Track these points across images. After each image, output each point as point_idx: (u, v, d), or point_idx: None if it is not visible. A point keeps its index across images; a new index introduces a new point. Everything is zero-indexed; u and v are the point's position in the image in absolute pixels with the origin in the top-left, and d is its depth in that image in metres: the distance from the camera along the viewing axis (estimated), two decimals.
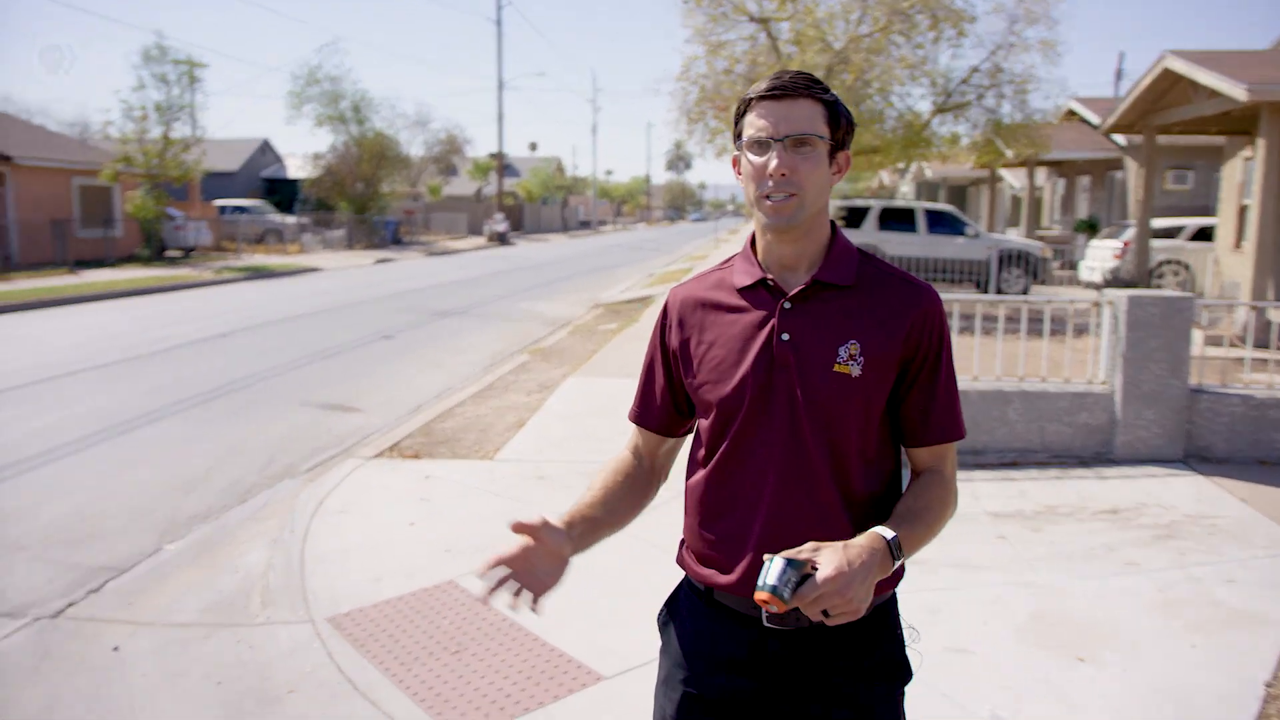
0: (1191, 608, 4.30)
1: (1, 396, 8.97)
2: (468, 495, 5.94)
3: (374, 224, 38.45)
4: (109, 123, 27.33)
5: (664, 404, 1.86)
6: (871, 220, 18.55)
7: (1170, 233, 17.66)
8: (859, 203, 19.21)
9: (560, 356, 11.44)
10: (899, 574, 1.74)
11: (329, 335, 13.46)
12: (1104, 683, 3.63)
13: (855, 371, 1.64)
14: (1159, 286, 16.95)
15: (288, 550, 5.02)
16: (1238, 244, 14.96)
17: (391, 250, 36.02)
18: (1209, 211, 20.29)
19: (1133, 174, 20.85)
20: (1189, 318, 6.40)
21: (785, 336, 1.67)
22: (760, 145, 1.63)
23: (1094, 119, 20.35)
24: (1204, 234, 17.26)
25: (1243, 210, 14.93)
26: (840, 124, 1.67)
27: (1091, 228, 23.26)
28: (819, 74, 15.29)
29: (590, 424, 7.78)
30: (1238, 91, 11.13)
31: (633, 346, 11.90)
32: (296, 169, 46.54)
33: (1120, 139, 20.05)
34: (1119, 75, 39.85)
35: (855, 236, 18.00)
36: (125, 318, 15.45)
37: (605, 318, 15.61)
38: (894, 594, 1.79)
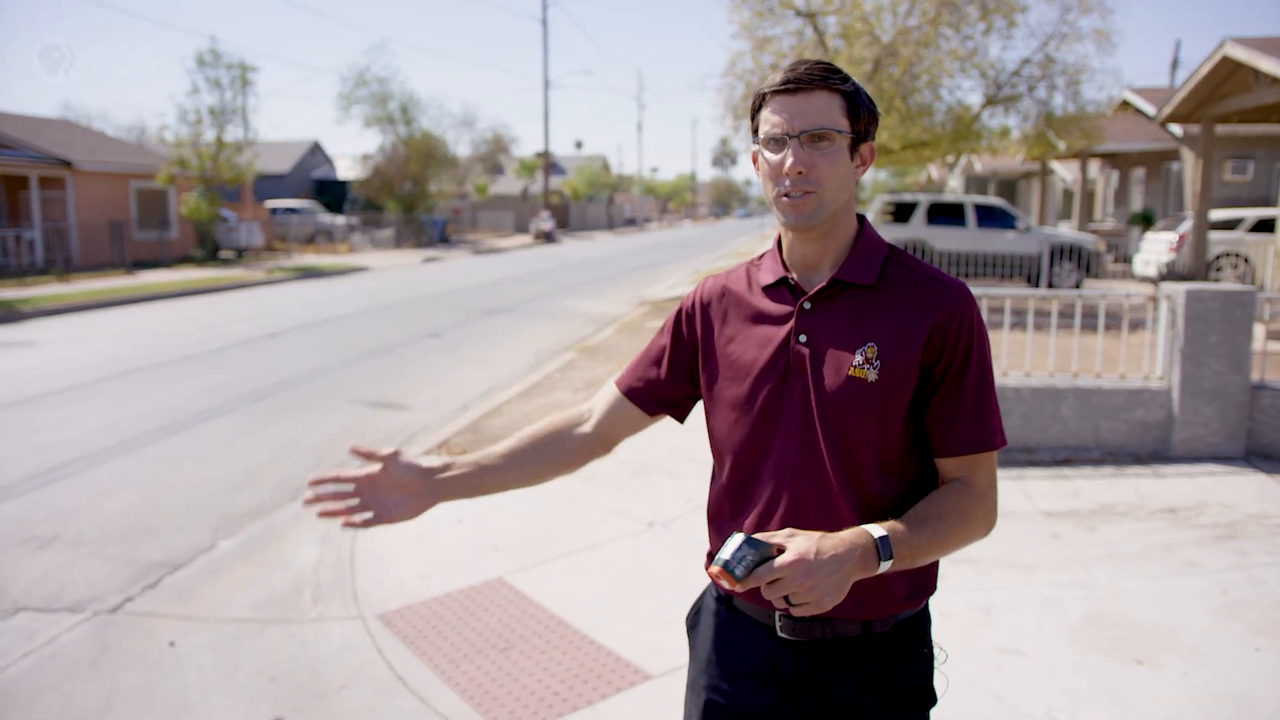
0: (1255, 610, 4.18)
1: (64, 395, 9.19)
2: (516, 494, 5.94)
3: (422, 223, 38.84)
4: (164, 127, 28.05)
5: (649, 379, 1.81)
6: (920, 215, 18.33)
7: (1229, 224, 17.21)
8: (907, 198, 18.99)
9: (607, 354, 11.46)
10: (928, 588, 1.66)
11: (377, 334, 13.62)
12: (1163, 687, 3.54)
13: (871, 376, 1.55)
14: (1217, 280, 16.53)
15: (338, 547, 5.08)
16: None
17: (439, 249, 36.36)
18: (1269, 202, 19.74)
19: (1189, 165, 20.38)
20: (1250, 312, 6.23)
21: (802, 338, 1.60)
22: (775, 142, 1.56)
23: (1149, 109, 19.93)
24: (1265, 225, 16.78)
25: None
26: (861, 115, 1.57)
27: (1146, 220, 22.77)
28: (866, 68, 15.15)
29: None
30: None
31: None
32: (346, 170, 47.25)
33: (1176, 129, 19.60)
34: (1175, 64, 38.95)
35: (903, 231, 17.82)
36: (180, 318, 15.77)
37: (651, 315, 15.60)
38: (924, 609, 1.70)
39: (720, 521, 1.72)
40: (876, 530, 1.46)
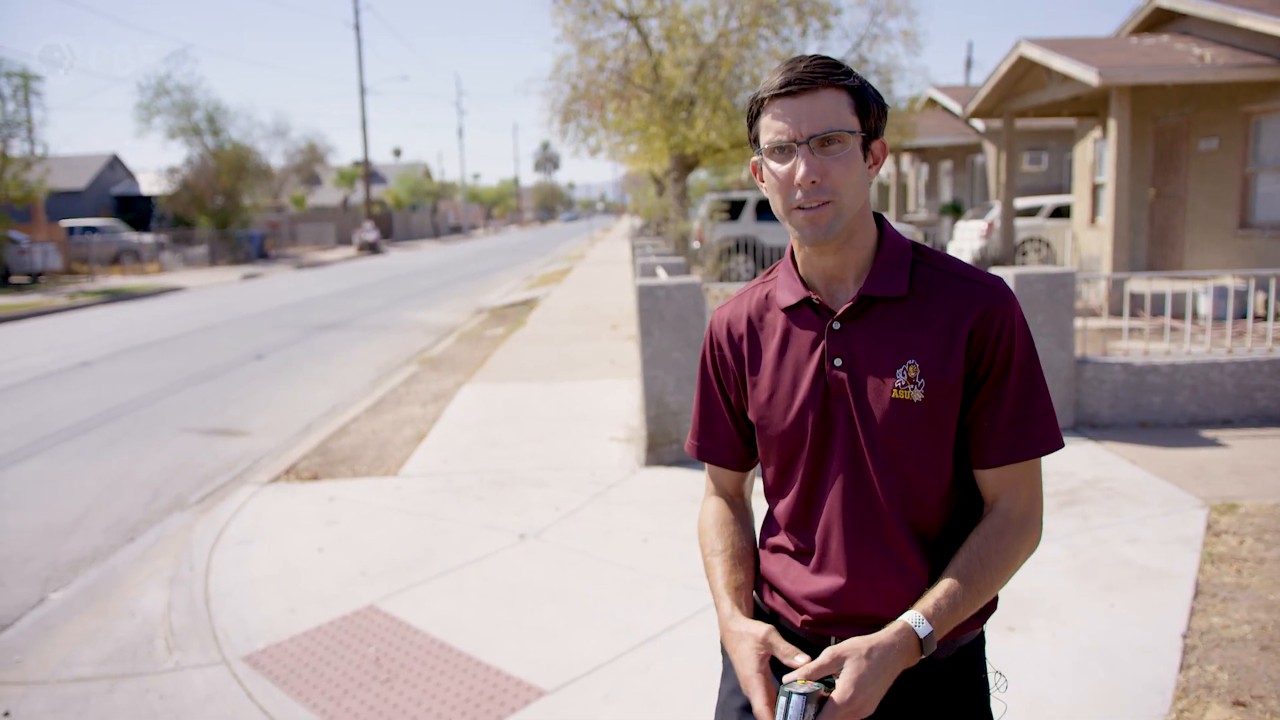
0: (1104, 569, 4.46)
1: None
2: (377, 515, 5.71)
3: (237, 239, 37.01)
4: None
5: (730, 436, 1.69)
6: (749, 212, 18.82)
7: (1030, 212, 18.47)
8: (736, 195, 19.44)
9: (451, 364, 11.19)
10: (991, 607, 1.58)
11: (203, 357, 12.84)
12: (1036, 649, 3.71)
13: (916, 396, 1.44)
14: (1023, 263, 17.70)
15: (190, 588, 4.72)
16: (1093, 220, 15.76)
17: (258, 265, 34.76)
18: (1062, 190, 21.32)
19: (991, 157, 21.74)
20: (1071, 292, 6.66)
21: (837, 362, 1.49)
22: (782, 150, 1.43)
23: (954, 106, 21.13)
24: (1060, 212, 18.11)
25: (1095, 188, 15.74)
26: (871, 110, 1.46)
27: (956, 210, 24.17)
28: (690, 69, 15.41)
29: (493, 432, 7.61)
30: (1089, 76, 11.68)
31: (525, 350, 11.74)
32: (150, 184, 44.36)
33: (979, 124, 20.87)
34: (969, 64, 41.57)
35: (735, 229, 18.22)
36: None
37: (491, 323, 15.37)
38: (981, 633, 1.61)
39: (774, 551, 1.62)
40: (921, 625, 1.38)
